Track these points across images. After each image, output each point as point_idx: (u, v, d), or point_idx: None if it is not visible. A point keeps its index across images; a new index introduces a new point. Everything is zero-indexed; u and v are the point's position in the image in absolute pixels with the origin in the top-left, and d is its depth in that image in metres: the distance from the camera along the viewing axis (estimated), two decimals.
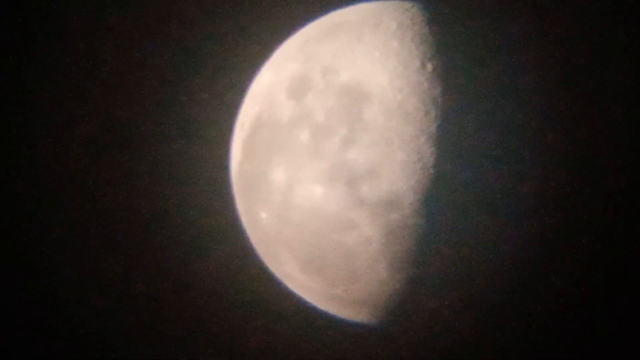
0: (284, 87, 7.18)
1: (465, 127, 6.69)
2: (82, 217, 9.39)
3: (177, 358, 9.32)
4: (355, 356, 8.80)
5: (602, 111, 7.23)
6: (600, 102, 7.24)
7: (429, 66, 6.79)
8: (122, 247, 9.37)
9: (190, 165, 9.21)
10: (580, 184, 7.02)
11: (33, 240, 9.39)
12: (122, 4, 9.31)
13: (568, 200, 6.98)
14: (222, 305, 9.23)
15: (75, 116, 9.41)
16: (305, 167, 6.86)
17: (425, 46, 6.87)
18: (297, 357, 9.09)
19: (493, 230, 6.81)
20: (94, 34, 9.36)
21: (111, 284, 9.37)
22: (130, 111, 9.37)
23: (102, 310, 9.37)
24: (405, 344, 7.78)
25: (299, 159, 6.89)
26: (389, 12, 7.14)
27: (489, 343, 7.70)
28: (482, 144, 6.71)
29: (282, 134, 7.02)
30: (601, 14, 7.89)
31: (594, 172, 7.12)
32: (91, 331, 9.35)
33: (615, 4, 8.03)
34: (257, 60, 7.78)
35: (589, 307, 7.84)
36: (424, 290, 7.01)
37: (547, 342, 8.07)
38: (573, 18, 7.57)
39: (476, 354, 7.75)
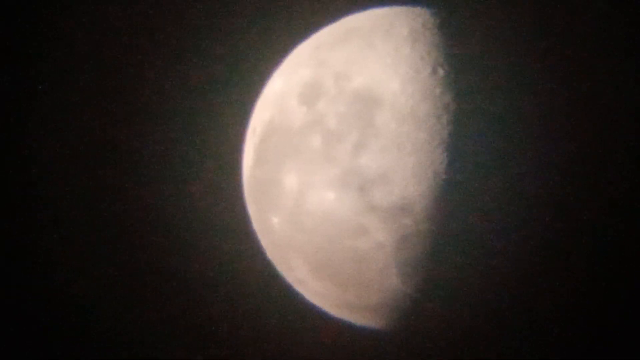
0: (295, 92, 7.19)
1: (477, 133, 6.69)
2: (89, 220, 9.41)
3: None
4: None
5: (603, 111, 7.23)
6: (601, 102, 7.24)
7: (441, 72, 6.79)
8: (131, 251, 9.39)
9: (201, 170, 9.22)
10: (581, 184, 7.01)
11: (34, 239, 9.41)
12: (132, 6, 9.33)
13: (568, 200, 6.98)
14: (233, 310, 9.24)
15: (81, 119, 9.44)
16: (317, 172, 6.87)
17: (437, 52, 6.87)
18: None
19: (503, 233, 6.80)
20: (101, 35, 9.39)
21: (116, 285, 9.39)
22: (140, 116, 9.38)
23: (106, 311, 9.39)
24: (416, 349, 7.77)
25: (310, 164, 6.90)
26: (400, 18, 7.14)
27: (501, 347, 7.69)
28: (493, 149, 6.70)
29: (294, 140, 7.02)
30: (603, 15, 7.90)
31: (594, 172, 7.12)
32: (94, 331, 9.36)
33: (616, 4, 8.03)
34: (269, 66, 7.79)
35: (590, 307, 7.83)
36: (435, 295, 7.00)
37: (554, 344, 8.07)
38: (579, 22, 7.57)
39: (488, 357, 7.74)
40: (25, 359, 9.33)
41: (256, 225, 7.80)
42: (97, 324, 9.39)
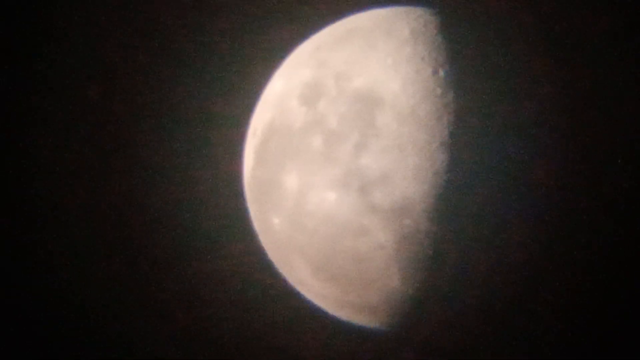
0: (296, 93, 7.19)
1: (478, 133, 6.69)
2: (89, 220, 9.41)
3: None
4: None
5: (603, 111, 7.24)
6: (602, 102, 7.25)
7: (442, 72, 6.79)
8: (130, 252, 9.39)
9: (202, 171, 9.22)
10: (581, 184, 7.02)
11: (36, 239, 9.41)
12: (131, 7, 9.33)
13: (569, 200, 6.98)
14: (234, 312, 9.24)
15: (84, 121, 9.44)
16: (318, 173, 6.87)
17: (438, 52, 6.88)
18: None
19: (504, 234, 6.81)
20: (101, 36, 9.39)
21: (115, 285, 9.39)
22: (140, 117, 9.38)
23: (106, 311, 9.39)
24: (417, 349, 7.78)
25: (311, 165, 6.90)
26: (401, 18, 7.14)
27: (502, 347, 7.70)
28: (495, 149, 6.71)
29: (294, 140, 7.03)
30: (604, 15, 7.91)
31: (595, 172, 7.12)
32: (94, 331, 9.37)
33: (616, 4, 8.04)
34: (269, 66, 7.79)
35: (590, 307, 7.85)
36: (436, 295, 7.00)
37: (554, 345, 8.08)
38: (580, 22, 7.58)
39: (489, 357, 7.75)
40: (25, 359, 9.33)
41: (257, 225, 7.80)
42: (97, 324, 9.39)
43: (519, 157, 6.76)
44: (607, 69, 7.46)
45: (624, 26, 7.93)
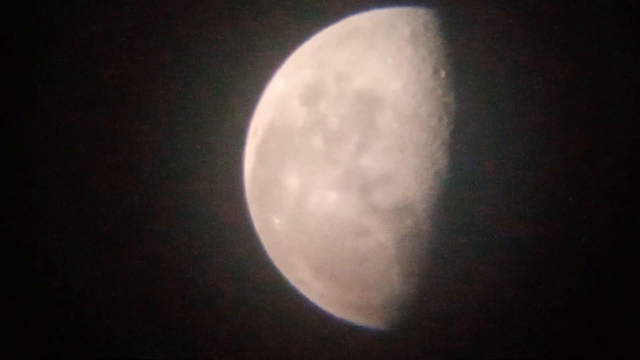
0: (297, 93, 7.19)
1: (479, 133, 6.70)
2: (89, 220, 9.41)
3: None
4: None
5: (604, 111, 7.24)
6: (602, 103, 7.25)
7: (442, 72, 6.80)
8: (131, 252, 9.38)
9: (203, 171, 9.22)
10: (582, 184, 7.02)
11: (36, 239, 9.41)
12: (131, 7, 9.33)
13: (570, 201, 6.99)
14: (235, 312, 9.24)
15: (81, 120, 9.43)
16: (319, 173, 6.87)
17: (439, 52, 6.88)
18: None
19: (504, 234, 6.81)
20: (102, 35, 9.38)
21: (115, 286, 9.39)
22: (141, 117, 9.38)
23: (105, 311, 9.39)
24: (418, 350, 7.78)
25: (312, 165, 6.90)
26: (402, 19, 7.15)
27: (502, 347, 7.70)
28: (495, 149, 6.71)
29: (295, 141, 7.03)
30: (605, 17, 7.91)
31: (595, 173, 7.12)
32: (93, 331, 9.36)
33: (615, 4, 8.05)
34: (270, 66, 7.79)
35: (591, 308, 7.85)
36: (437, 296, 7.01)
37: (554, 344, 8.08)
38: (581, 23, 7.58)
39: (489, 357, 7.75)
40: (25, 359, 9.33)
41: (257, 226, 7.80)
42: (97, 324, 9.39)
43: (519, 157, 6.76)
44: (608, 68, 7.46)
45: (624, 26, 7.94)
